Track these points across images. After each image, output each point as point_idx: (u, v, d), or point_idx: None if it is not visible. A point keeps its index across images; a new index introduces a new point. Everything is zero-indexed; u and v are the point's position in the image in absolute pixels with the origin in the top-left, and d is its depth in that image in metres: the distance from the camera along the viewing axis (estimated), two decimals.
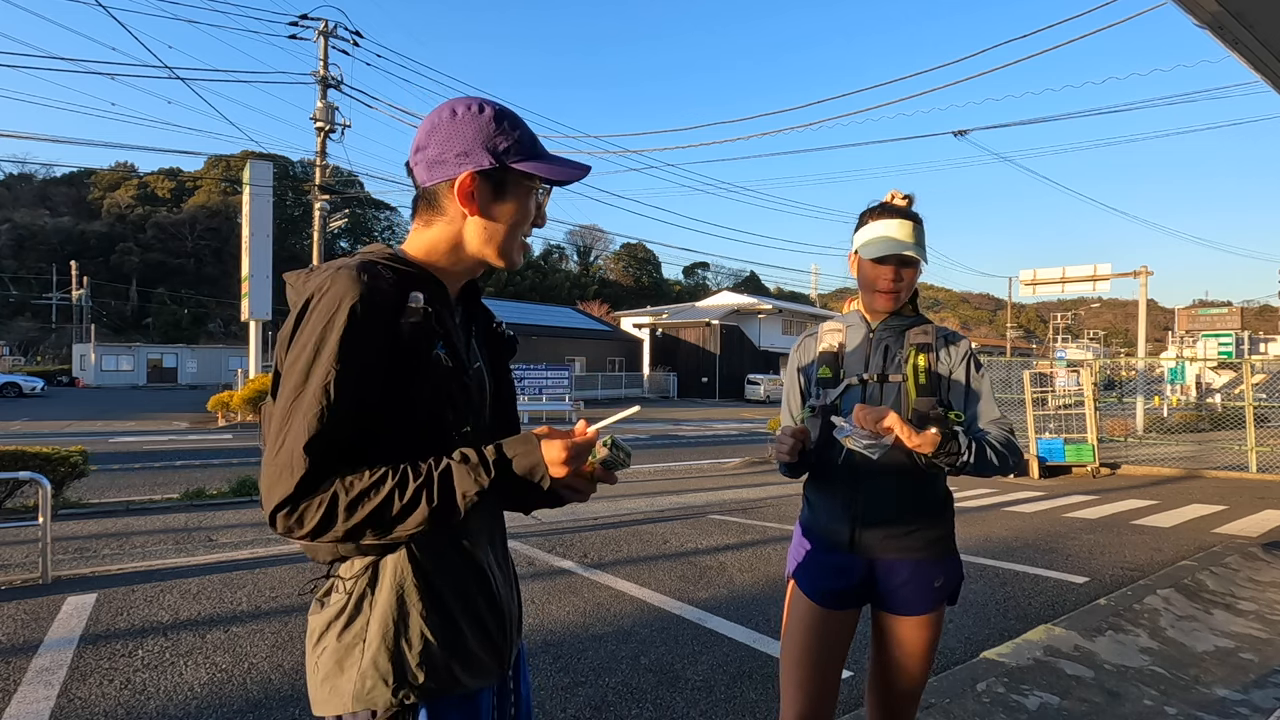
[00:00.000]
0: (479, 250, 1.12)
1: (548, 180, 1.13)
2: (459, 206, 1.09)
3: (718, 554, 5.92)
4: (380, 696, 1.00)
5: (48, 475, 5.51)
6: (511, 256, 1.14)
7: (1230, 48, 2.54)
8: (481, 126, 1.08)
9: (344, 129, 20.02)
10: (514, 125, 1.11)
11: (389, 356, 0.99)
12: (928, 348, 1.77)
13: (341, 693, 1.01)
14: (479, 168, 1.07)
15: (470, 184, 1.08)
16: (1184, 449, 15.58)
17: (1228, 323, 36.61)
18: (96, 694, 3.19)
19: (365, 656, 1.01)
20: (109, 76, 38.27)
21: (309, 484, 0.93)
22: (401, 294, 1.02)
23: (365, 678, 1.00)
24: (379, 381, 0.99)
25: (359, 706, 1.00)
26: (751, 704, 3.19)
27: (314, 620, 1.08)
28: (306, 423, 0.93)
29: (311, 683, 1.06)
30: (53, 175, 69.60)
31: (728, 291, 60.51)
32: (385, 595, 1.02)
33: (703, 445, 16.77)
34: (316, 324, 0.97)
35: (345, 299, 0.96)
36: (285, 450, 0.93)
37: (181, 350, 49.48)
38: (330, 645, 1.03)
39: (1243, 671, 3.54)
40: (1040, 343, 76.60)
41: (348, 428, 0.96)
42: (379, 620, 1.01)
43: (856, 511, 1.77)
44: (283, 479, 0.93)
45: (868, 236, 1.81)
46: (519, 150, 1.10)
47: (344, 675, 1.01)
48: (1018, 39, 31.33)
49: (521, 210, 1.13)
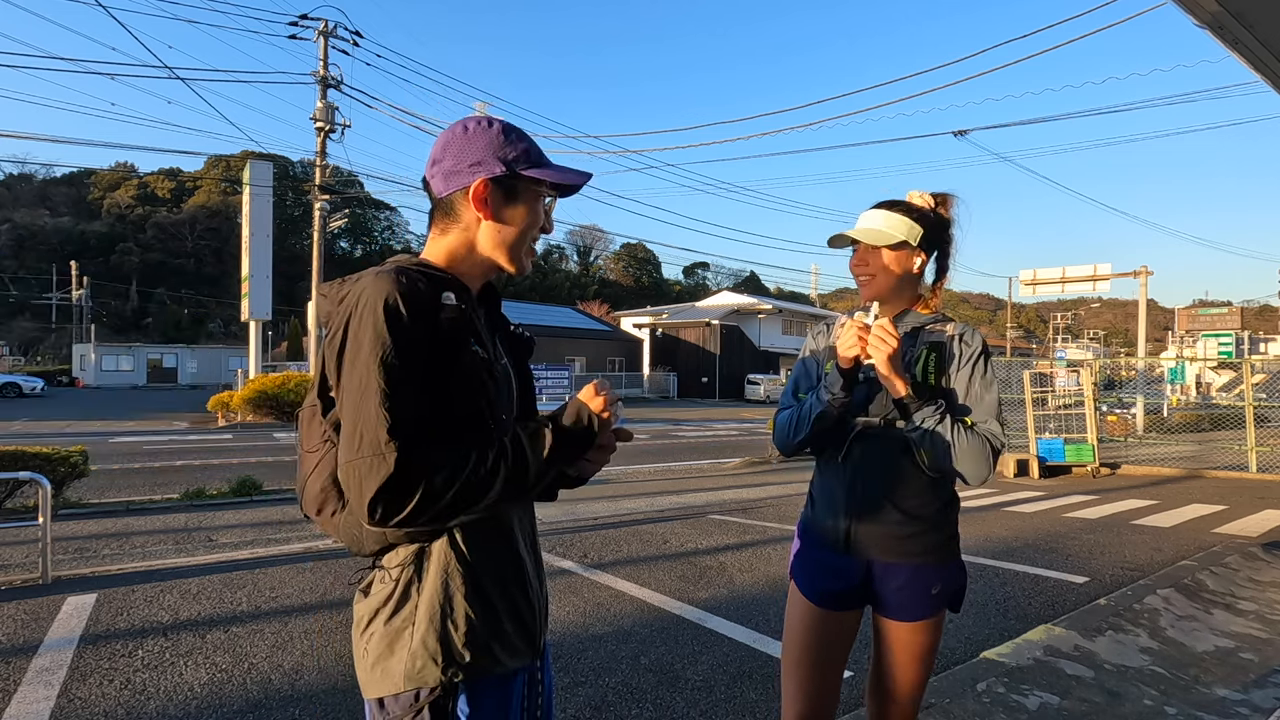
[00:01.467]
0: (491, 253, 1.20)
1: (554, 185, 1.22)
2: (474, 212, 1.17)
3: (718, 554, 5.92)
4: (430, 674, 1.07)
5: (48, 475, 5.51)
6: (520, 260, 1.22)
7: (1230, 48, 2.54)
8: (492, 139, 1.18)
9: (344, 129, 20.02)
10: (521, 138, 1.21)
11: (431, 350, 1.06)
12: (940, 346, 1.75)
13: (392, 673, 1.08)
14: (491, 175, 1.16)
15: (484, 190, 1.16)
16: (1184, 449, 15.58)
17: (1228, 323, 36.61)
18: (96, 694, 3.19)
19: (415, 638, 1.08)
20: (109, 76, 38.25)
21: (402, 469, 0.97)
22: (435, 294, 1.08)
23: (416, 658, 1.07)
24: (428, 374, 1.05)
25: (410, 685, 1.07)
26: (752, 704, 3.19)
27: (360, 608, 1.15)
28: (383, 414, 0.99)
29: (361, 667, 1.13)
30: (53, 175, 69.67)
31: (728, 291, 60.52)
32: (432, 581, 1.10)
33: (703, 445, 16.77)
34: (367, 324, 1.02)
35: (388, 298, 1.02)
36: (368, 443, 0.98)
37: (181, 350, 49.48)
38: (379, 630, 1.10)
39: (1243, 671, 3.54)
40: (1040, 343, 76.59)
41: (418, 415, 1.02)
42: (427, 604, 1.09)
43: (853, 512, 1.76)
44: (375, 470, 0.97)
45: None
46: (526, 159, 1.19)
47: (394, 657, 1.08)
48: (1018, 39, 31.37)
49: (530, 215, 1.21)
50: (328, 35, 19.59)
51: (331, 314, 1.11)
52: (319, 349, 1.14)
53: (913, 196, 1.83)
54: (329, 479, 1.12)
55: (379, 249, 77.97)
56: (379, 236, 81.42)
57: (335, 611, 4.34)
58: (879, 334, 1.61)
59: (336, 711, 3.06)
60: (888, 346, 1.60)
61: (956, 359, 1.74)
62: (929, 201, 1.82)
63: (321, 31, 19.55)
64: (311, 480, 1.15)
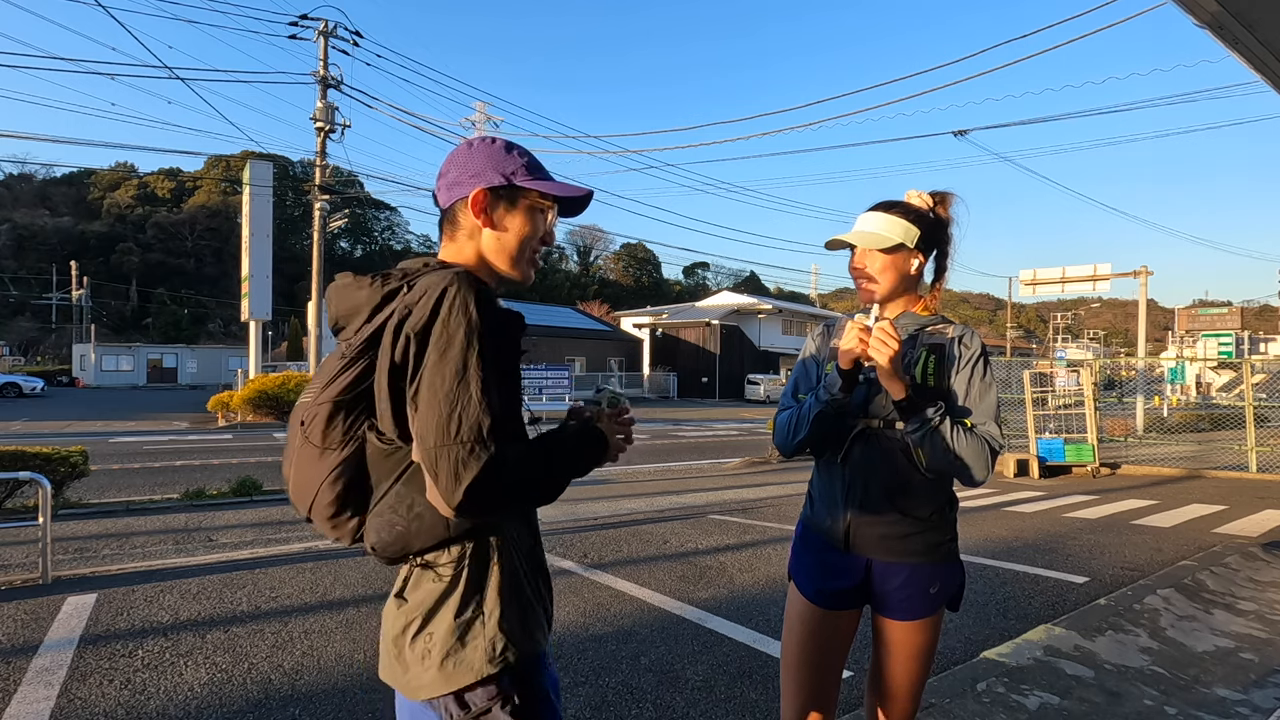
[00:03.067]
0: (494, 260, 1.25)
1: (555, 199, 1.28)
2: (474, 220, 1.23)
3: (718, 554, 5.92)
4: (511, 653, 1.13)
5: (48, 475, 5.51)
6: (521, 268, 1.27)
7: (1230, 48, 2.54)
8: (493, 154, 1.25)
9: (344, 129, 20.02)
10: (521, 154, 1.27)
11: (503, 354, 1.12)
12: (940, 349, 1.75)
13: (470, 662, 1.11)
14: (489, 184, 1.22)
15: (482, 198, 1.22)
16: (1184, 449, 15.57)
17: (1228, 323, 36.60)
18: (96, 694, 3.19)
19: (489, 624, 1.13)
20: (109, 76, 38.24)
21: (500, 460, 1.03)
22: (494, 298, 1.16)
23: (495, 643, 1.12)
24: (505, 373, 1.12)
25: (494, 668, 1.11)
26: (752, 704, 3.19)
27: (406, 612, 1.15)
28: (484, 405, 1.04)
29: (422, 667, 1.12)
30: (53, 175, 69.66)
31: (728, 291, 60.50)
32: (497, 570, 1.15)
33: (703, 445, 16.78)
34: (460, 319, 1.05)
35: (480, 297, 1.08)
36: (469, 431, 1.02)
37: (181, 350, 49.50)
38: (445, 625, 1.12)
39: (1243, 671, 3.54)
40: (1040, 343, 76.60)
41: (505, 412, 1.08)
42: (495, 592, 1.14)
43: (852, 511, 1.76)
44: (476, 457, 1.02)
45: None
46: (525, 172, 1.25)
47: (467, 647, 1.11)
48: (1018, 39, 31.33)
49: (529, 225, 1.26)
50: (328, 35, 19.58)
51: (362, 307, 1.14)
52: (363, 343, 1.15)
53: (911, 196, 1.83)
54: (352, 479, 1.11)
55: (379, 249, 77.98)
56: (379, 236, 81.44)
57: (335, 611, 4.34)
58: (880, 336, 1.61)
59: (336, 711, 3.06)
60: (889, 349, 1.60)
61: (956, 361, 1.74)
62: (927, 201, 1.82)
63: (321, 31, 19.55)
64: (329, 482, 1.11)
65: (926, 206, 1.81)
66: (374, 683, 3.34)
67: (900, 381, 1.64)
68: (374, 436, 1.12)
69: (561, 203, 1.30)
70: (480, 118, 41.87)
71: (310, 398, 1.15)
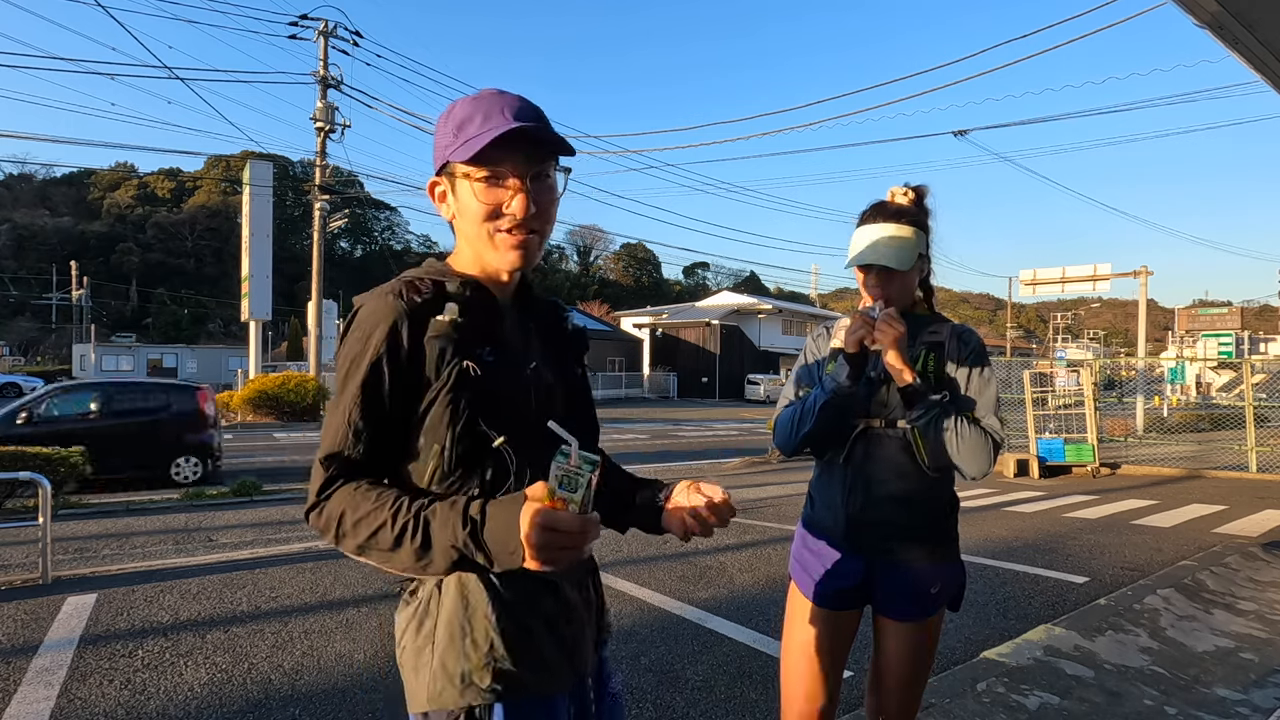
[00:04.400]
0: (470, 248, 1.09)
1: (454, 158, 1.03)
2: (443, 211, 1.12)
3: (718, 554, 5.92)
4: (449, 698, 1.00)
5: (48, 475, 5.51)
6: (491, 256, 1.07)
7: (1230, 48, 2.54)
8: (445, 133, 1.06)
9: (344, 129, 20.03)
10: (451, 118, 1.05)
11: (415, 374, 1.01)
12: (939, 346, 1.75)
13: (416, 694, 1.04)
14: (436, 170, 1.10)
15: (432, 191, 1.12)
16: (1184, 449, 15.57)
17: (1228, 323, 36.60)
18: (96, 694, 3.19)
19: (435, 658, 1.01)
20: (109, 76, 38.24)
21: (322, 494, 0.99)
22: (434, 309, 1.03)
23: (436, 679, 1.01)
24: (402, 398, 1.01)
25: (432, 707, 1.01)
26: (752, 704, 3.19)
27: (398, 618, 1.10)
28: (328, 436, 1.01)
29: (404, 679, 1.09)
30: (53, 175, 69.63)
31: (728, 291, 60.50)
32: (451, 598, 1.02)
33: (703, 445, 16.77)
34: (350, 344, 1.03)
35: (373, 321, 1.01)
36: (316, 458, 1.01)
37: (181, 350, 49.44)
38: (408, 645, 1.06)
39: (1243, 671, 3.54)
40: (1040, 343, 76.56)
41: (369, 442, 1.00)
42: (445, 623, 1.02)
43: (854, 512, 1.76)
44: (312, 484, 1.00)
45: (853, 242, 1.78)
46: (455, 139, 1.04)
47: (418, 677, 1.03)
48: (1018, 39, 31.34)
49: (478, 199, 1.03)
50: (328, 35, 19.59)
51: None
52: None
53: (896, 195, 1.80)
54: None
55: (379, 249, 77.98)
56: (379, 236, 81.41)
57: (335, 611, 4.34)
58: (885, 320, 1.63)
59: (336, 711, 3.06)
60: (895, 330, 1.62)
61: (955, 358, 1.75)
62: (912, 198, 1.79)
63: (321, 31, 19.55)
64: None
65: (912, 203, 1.79)
66: (374, 682, 3.35)
67: (907, 366, 1.65)
68: None
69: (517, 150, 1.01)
70: None
71: None
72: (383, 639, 3.89)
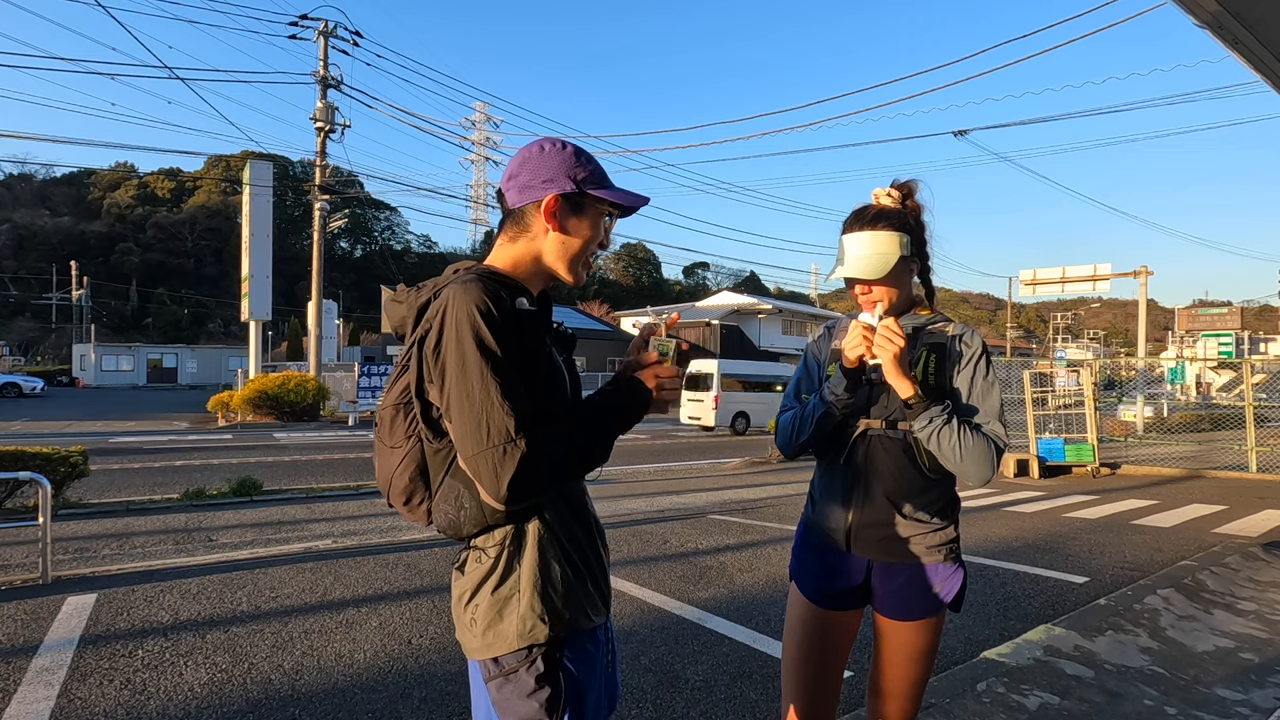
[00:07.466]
0: (553, 263, 1.32)
1: (616, 205, 1.34)
2: (543, 224, 1.29)
3: (718, 554, 5.92)
4: (540, 632, 1.22)
5: (48, 475, 5.50)
6: (577, 271, 1.34)
7: (1230, 48, 2.54)
8: (564, 159, 1.30)
9: (344, 129, 20.04)
10: (589, 161, 1.34)
11: (520, 351, 1.18)
12: (941, 348, 1.74)
13: (505, 635, 1.23)
14: (562, 191, 1.28)
15: (554, 204, 1.28)
16: (1184, 449, 15.57)
17: (1228, 323, 36.62)
18: (96, 694, 3.19)
19: (522, 603, 1.23)
20: (109, 76, 38.28)
21: (534, 453, 1.11)
22: (512, 299, 1.21)
23: (525, 620, 1.22)
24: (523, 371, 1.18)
25: (523, 643, 1.23)
26: (752, 704, 3.19)
27: (460, 584, 1.29)
28: (506, 408, 1.12)
29: (468, 634, 1.27)
30: (53, 175, 69.70)
31: (728, 291, 60.46)
32: (530, 554, 1.24)
33: (703, 445, 16.77)
34: (467, 331, 1.14)
35: (479, 305, 1.15)
36: (498, 434, 1.11)
37: (181, 350, 49.49)
38: (485, 601, 1.24)
39: (1243, 671, 3.54)
40: (1040, 343, 76.56)
41: (530, 408, 1.16)
42: (529, 574, 1.23)
43: (854, 512, 1.75)
44: (511, 457, 1.10)
45: (839, 252, 1.76)
46: (593, 180, 1.32)
47: (504, 621, 1.23)
48: (1017, 39, 31.39)
49: (592, 231, 1.33)
50: (328, 35, 19.59)
51: (406, 319, 1.26)
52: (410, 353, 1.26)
53: (880, 197, 1.78)
54: (416, 471, 1.26)
55: (379, 249, 77.97)
56: (379, 236, 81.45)
57: (335, 611, 4.34)
58: (885, 334, 1.61)
59: (336, 711, 3.06)
60: (894, 346, 1.60)
61: (957, 360, 1.74)
62: (896, 198, 1.77)
63: (321, 31, 19.56)
64: (399, 474, 1.27)
65: (898, 203, 1.76)
66: (374, 682, 3.35)
67: (907, 379, 1.64)
68: (426, 434, 1.25)
69: (620, 207, 1.36)
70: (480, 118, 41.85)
71: (380, 401, 1.34)
72: (383, 639, 3.89)
